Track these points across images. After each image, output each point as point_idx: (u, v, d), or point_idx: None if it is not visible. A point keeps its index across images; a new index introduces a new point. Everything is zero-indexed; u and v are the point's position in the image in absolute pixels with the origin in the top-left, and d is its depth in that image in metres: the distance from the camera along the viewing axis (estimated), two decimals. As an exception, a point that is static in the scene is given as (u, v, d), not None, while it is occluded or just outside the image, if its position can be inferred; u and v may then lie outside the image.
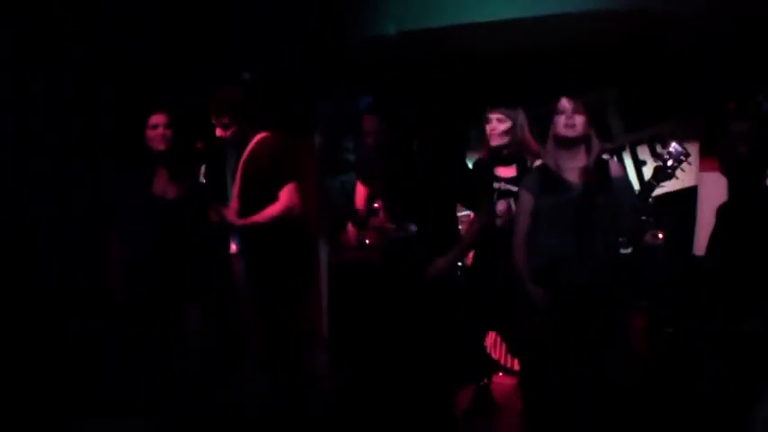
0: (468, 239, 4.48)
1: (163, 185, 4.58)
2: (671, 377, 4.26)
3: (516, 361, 5.09)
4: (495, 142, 4.66)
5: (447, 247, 4.37)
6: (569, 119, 3.94)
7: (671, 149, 3.64)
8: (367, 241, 4.54)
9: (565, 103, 3.97)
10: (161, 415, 4.49)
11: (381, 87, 4.35)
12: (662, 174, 3.66)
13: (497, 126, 4.64)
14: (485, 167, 4.74)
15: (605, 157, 4.06)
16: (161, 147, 4.52)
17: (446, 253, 4.35)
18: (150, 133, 4.53)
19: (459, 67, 5.90)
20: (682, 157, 3.62)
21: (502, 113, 4.64)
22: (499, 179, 4.68)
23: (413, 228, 4.33)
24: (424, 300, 4.27)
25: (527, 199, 3.99)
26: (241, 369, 4.66)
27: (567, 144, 3.92)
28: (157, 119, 4.53)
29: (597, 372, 3.76)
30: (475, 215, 4.49)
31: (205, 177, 4.53)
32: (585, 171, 3.88)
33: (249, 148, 4.47)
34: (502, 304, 4.33)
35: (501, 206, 4.60)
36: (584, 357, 3.76)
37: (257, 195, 4.38)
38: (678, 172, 3.67)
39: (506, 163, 4.69)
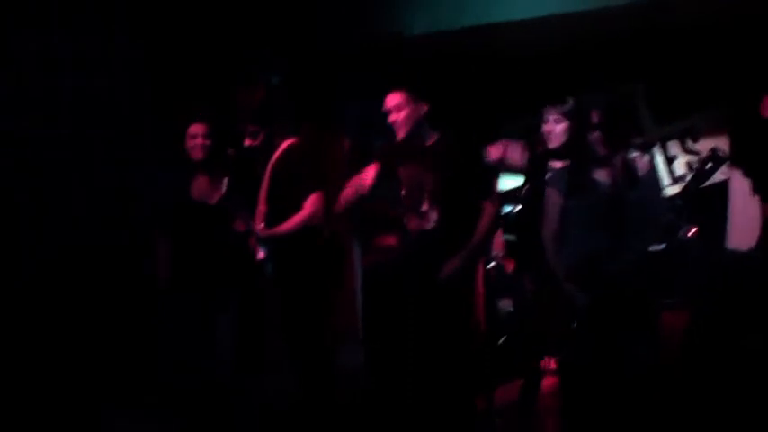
0: (479, 234, 4.19)
1: (202, 191, 4.63)
2: (707, 374, 4.22)
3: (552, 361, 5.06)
4: (554, 143, 4.37)
5: (464, 242, 4.17)
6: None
7: (715, 155, 3.62)
8: (392, 243, 4.51)
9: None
10: (191, 411, 4.54)
11: (410, 87, 4.28)
12: (701, 175, 3.64)
13: (554, 127, 4.37)
14: (537, 163, 4.52)
15: (632, 153, 4.01)
16: (200, 156, 4.59)
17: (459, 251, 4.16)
18: (190, 143, 4.61)
19: (489, 66, 5.90)
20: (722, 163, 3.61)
21: (558, 113, 4.36)
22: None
23: (434, 216, 4.14)
24: (439, 300, 4.13)
25: (555, 198, 3.98)
26: (271, 371, 4.70)
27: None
28: (196, 129, 4.60)
29: (629, 368, 3.76)
30: (483, 205, 4.21)
31: (227, 187, 4.58)
32: (613, 169, 3.87)
33: (277, 153, 4.51)
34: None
35: None
36: (617, 354, 3.76)
37: (284, 201, 4.43)
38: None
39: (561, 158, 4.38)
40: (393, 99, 4.24)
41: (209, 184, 4.62)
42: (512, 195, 4.63)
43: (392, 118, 4.23)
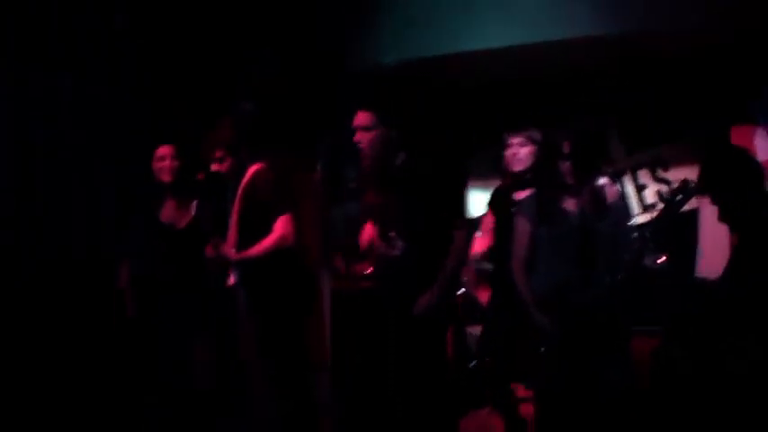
0: (450, 265, 4.08)
1: (171, 215, 4.69)
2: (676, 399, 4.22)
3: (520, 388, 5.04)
4: (517, 167, 4.42)
5: (436, 269, 4.07)
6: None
7: (686, 186, 3.64)
8: (368, 271, 4.48)
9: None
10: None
11: (381, 114, 4.26)
12: (672, 206, 3.66)
13: (519, 150, 4.42)
14: (502, 193, 4.58)
15: (601, 182, 4.02)
16: (168, 178, 4.65)
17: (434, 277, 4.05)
18: (157, 165, 4.66)
19: (455, 96, 5.92)
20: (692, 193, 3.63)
21: (523, 137, 4.40)
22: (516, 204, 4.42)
23: (400, 244, 4.05)
24: (413, 327, 4.04)
25: (525, 226, 3.98)
26: (246, 398, 4.64)
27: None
28: (164, 151, 4.66)
29: (601, 395, 3.75)
30: (454, 234, 4.10)
31: (197, 210, 4.57)
32: (582, 197, 3.87)
33: (245, 179, 4.49)
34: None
35: None
36: (590, 380, 3.75)
37: (254, 226, 4.39)
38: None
39: (527, 187, 4.39)
40: (361, 118, 4.17)
41: (176, 207, 4.65)
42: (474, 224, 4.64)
43: (358, 137, 4.16)
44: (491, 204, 4.72)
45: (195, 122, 5.14)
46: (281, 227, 4.33)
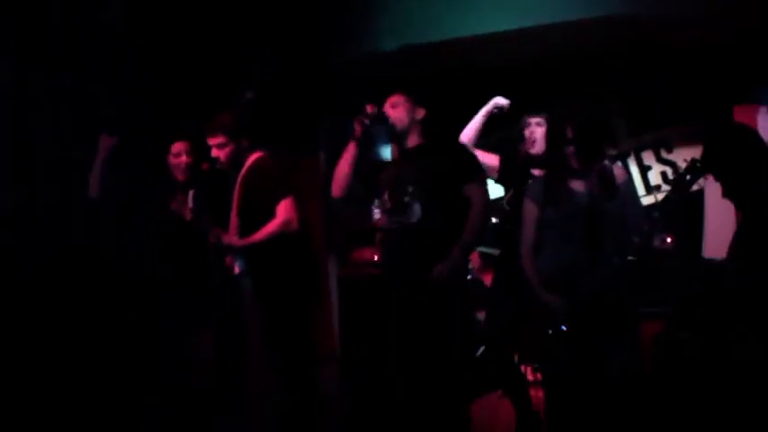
0: (471, 229, 4.04)
1: (179, 206, 4.68)
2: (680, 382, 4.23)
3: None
4: (537, 148, 4.37)
5: (453, 239, 4.02)
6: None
7: (694, 165, 3.63)
8: (374, 258, 4.46)
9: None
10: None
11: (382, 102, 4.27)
12: (682, 186, 3.65)
13: (536, 130, 4.37)
14: (520, 169, 4.50)
15: (607, 162, 4.02)
16: (181, 176, 4.70)
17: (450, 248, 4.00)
18: (173, 161, 4.72)
19: (459, 80, 5.91)
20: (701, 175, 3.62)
21: (543, 117, 4.35)
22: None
23: (416, 210, 4.04)
24: (427, 304, 4.01)
25: (532, 208, 3.97)
26: (251, 387, 4.65)
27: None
28: (179, 147, 4.71)
29: (608, 377, 3.76)
30: (471, 191, 4.08)
31: (194, 201, 4.57)
32: (590, 179, 3.87)
33: (245, 167, 4.48)
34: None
35: None
36: (596, 363, 3.76)
37: (256, 214, 4.39)
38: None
39: (538, 167, 4.37)
40: (391, 99, 4.24)
41: (184, 201, 4.66)
42: (494, 206, 4.60)
43: (388, 111, 4.20)
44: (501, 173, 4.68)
45: (195, 122, 5.16)
46: (284, 211, 4.32)
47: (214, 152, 4.50)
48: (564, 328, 3.73)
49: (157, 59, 5.50)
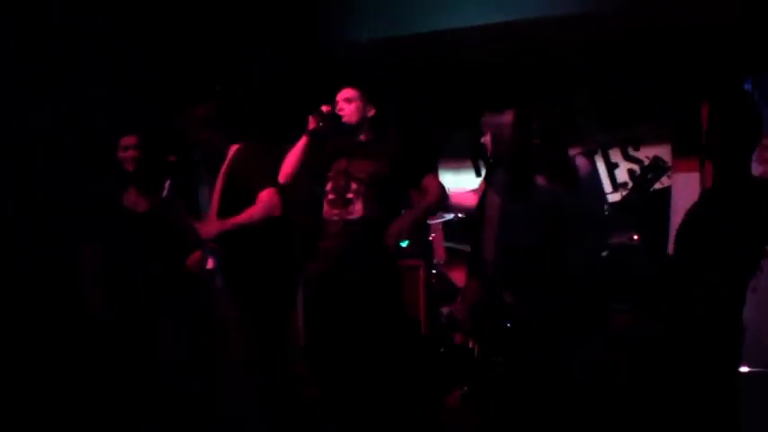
0: (427, 200, 4.25)
1: (133, 200, 4.80)
2: (650, 377, 4.26)
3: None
4: (490, 151, 4.40)
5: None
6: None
7: (657, 163, 3.65)
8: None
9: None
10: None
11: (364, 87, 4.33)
12: (643, 184, 3.66)
13: (487, 132, 4.36)
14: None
15: (571, 154, 4.01)
16: (131, 167, 4.80)
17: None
18: (122, 155, 4.80)
19: (433, 73, 5.92)
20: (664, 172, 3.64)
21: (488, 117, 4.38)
22: None
23: (357, 207, 4.15)
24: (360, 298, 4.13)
25: (494, 201, 3.96)
26: (226, 382, 4.63)
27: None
28: (128, 141, 4.79)
29: (574, 374, 3.76)
30: (429, 186, 4.27)
31: (169, 191, 4.59)
32: (552, 173, 3.86)
33: (227, 160, 4.45)
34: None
35: None
36: (560, 359, 3.76)
37: (236, 205, 4.34)
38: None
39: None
40: (346, 93, 4.31)
41: (137, 194, 4.78)
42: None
43: (340, 107, 4.28)
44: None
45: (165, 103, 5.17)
46: (266, 197, 4.28)
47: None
48: (507, 324, 3.76)
49: (157, 59, 5.53)
